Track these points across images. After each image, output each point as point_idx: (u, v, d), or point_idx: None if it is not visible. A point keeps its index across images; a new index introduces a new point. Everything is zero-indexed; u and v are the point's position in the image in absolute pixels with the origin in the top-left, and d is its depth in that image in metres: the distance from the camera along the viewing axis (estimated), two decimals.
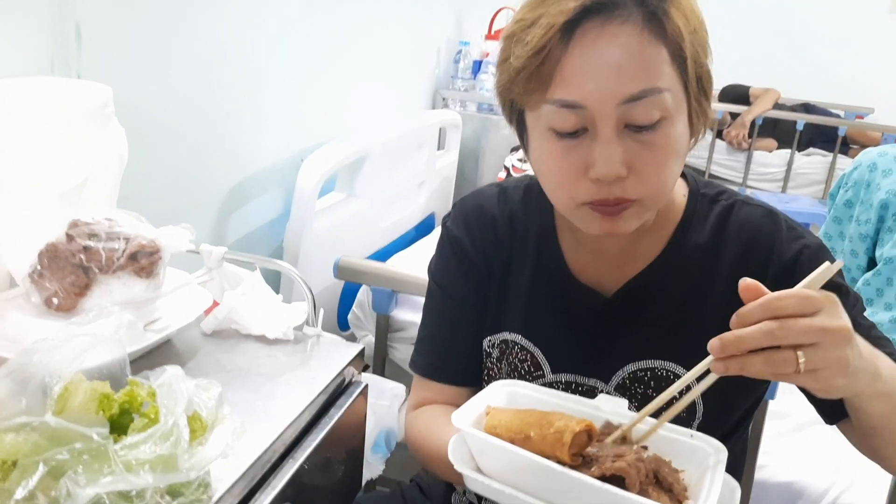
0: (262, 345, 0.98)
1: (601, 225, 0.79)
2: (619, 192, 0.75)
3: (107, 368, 0.73)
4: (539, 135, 0.79)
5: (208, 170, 1.59)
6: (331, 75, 2.07)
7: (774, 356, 0.60)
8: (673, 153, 0.76)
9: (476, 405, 0.73)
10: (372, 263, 1.60)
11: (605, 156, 0.74)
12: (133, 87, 1.34)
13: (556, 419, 0.66)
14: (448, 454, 0.69)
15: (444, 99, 2.96)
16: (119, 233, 0.86)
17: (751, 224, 0.87)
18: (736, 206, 0.89)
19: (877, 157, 1.76)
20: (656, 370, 0.87)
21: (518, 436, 0.66)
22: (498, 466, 0.67)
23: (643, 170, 0.75)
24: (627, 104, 0.73)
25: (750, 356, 0.60)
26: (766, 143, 4.12)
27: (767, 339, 0.60)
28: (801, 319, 0.60)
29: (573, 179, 0.77)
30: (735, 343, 0.60)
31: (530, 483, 0.64)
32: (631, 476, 0.61)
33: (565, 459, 0.64)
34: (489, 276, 0.95)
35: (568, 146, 0.76)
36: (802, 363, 0.59)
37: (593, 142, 0.75)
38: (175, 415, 0.61)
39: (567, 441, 0.63)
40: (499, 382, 0.78)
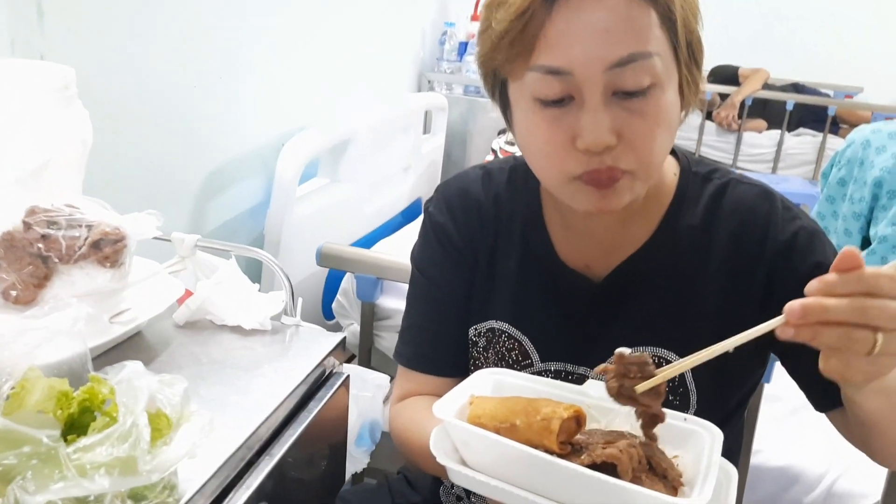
0: (238, 336, 0.94)
1: (594, 200, 0.75)
2: (610, 161, 0.72)
3: (66, 364, 0.69)
4: (524, 106, 0.76)
5: (183, 155, 1.54)
6: (312, 57, 2.02)
7: (854, 334, 0.55)
8: (664, 122, 0.73)
9: (459, 395, 0.69)
10: (355, 250, 1.55)
11: (592, 124, 0.70)
12: (101, 69, 1.29)
13: (543, 406, 0.63)
14: (430, 446, 0.66)
15: (429, 82, 2.91)
16: (80, 220, 0.81)
17: (745, 204, 0.84)
18: (730, 186, 0.85)
19: (870, 133, 1.73)
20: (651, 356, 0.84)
21: (503, 425, 0.63)
22: (483, 458, 0.63)
23: (633, 139, 0.71)
24: (615, 69, 0.69)
25: (826, 327, 0.55)
26: (755, 123, 4.10)
27: (856, 316, 0.55)
28: (892, 301, 0.55)
29: (561, 151, 0.73)
30: (819, 312, 0.55)
31: (517, 474, 0.61)
32: (623, 463, 0.58)
33: (553, 448, 0.61)
34: (475, 262, 0.92)
35: (554, 116, 0.73)
36: (880, 345, 0.55)
37: (580, 110, 0.71)
38: (134, 414, 0.57)
39: (555, 429, 0.60)
40: (483, 371, 0.75)
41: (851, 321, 0.55)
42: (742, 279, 0.82)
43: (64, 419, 0.62)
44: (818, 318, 0.55)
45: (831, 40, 4.58)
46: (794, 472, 1.37)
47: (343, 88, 2.24)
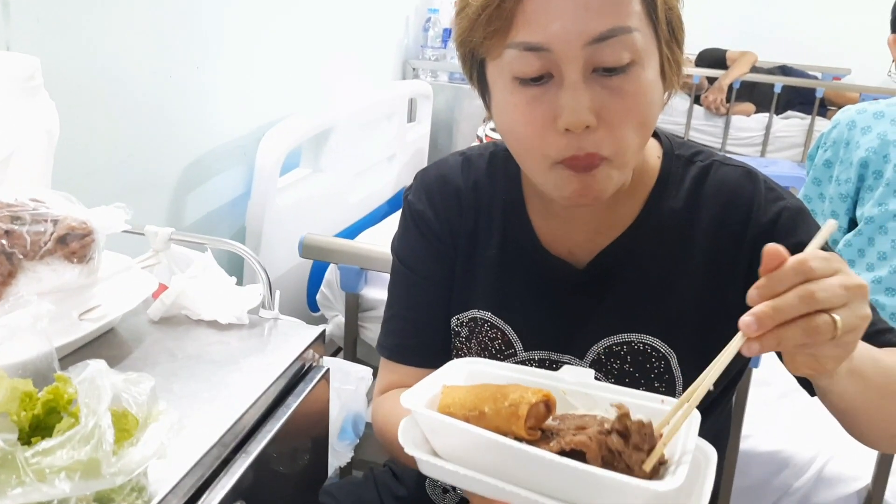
0: (215, 331, 0.92)
1: (575, 186, 0.73)
2: (590, 146, 0.70)
3: (31, 364, 0.67)
4: (502, 86, 0.74)
5: (160, 147, 1.51)
6: (294, 45, 1.98)
7: (813, 323, 0.54)
8: (645, 101, 0.71)
9: (430, 385, 0.67)
10: (338, 240, 1.53)
11: (572, 102, 0.69)
12: (71, 59, 1.25)
13: (511, 392, 0.61)
14: (398, 436, 0.64)
15: (413, 69, 2.88)
16: (45, 214, 0.78)
17: (728, 185, 0.82)
18: (713, 168, 0.84)
19: (855, 114, 1.71)
20: (633, 344, 0.83)
21: (472, 413, 0.61)
22: (452, 447, 0.61)
23: (613, 119, 0.70)
24: (595, 44, 0.68)
25: (786, 328, 0.54)
26: (743, 107, 4.09)
27: (808, 305, 0.54)
28: (830, 279, 0.55)
29: (541, 133, 0.72)
30: (773, 315, 0.54)
31: (487, 462, 0.59)
32: (591, 450, 0.56)
33: (522, 434, 0.59)
34: (454, 250, 0.90)
35: (533, 95, 0.71)
36: (840, 325, 0.54)
37: (559, 89, 0.70)
38: (97, 414, 0.55)
39: (522, 414, 0.59)
40: (457, 361, 0.73)
41: (804, 312, 0.54)
42: (726, 261, 0.81)
43: (28, 421, 0.60)
44: (774, 321, 0.54)
45: (819, 22, 4.57)
46: (783, 456, 1.37)
47: (325, 76, 2.21)
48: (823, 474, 1.32)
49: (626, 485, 0.52)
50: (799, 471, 1.34)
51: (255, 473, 0.74)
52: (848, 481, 1.32)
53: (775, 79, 3.89)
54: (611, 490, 0.53)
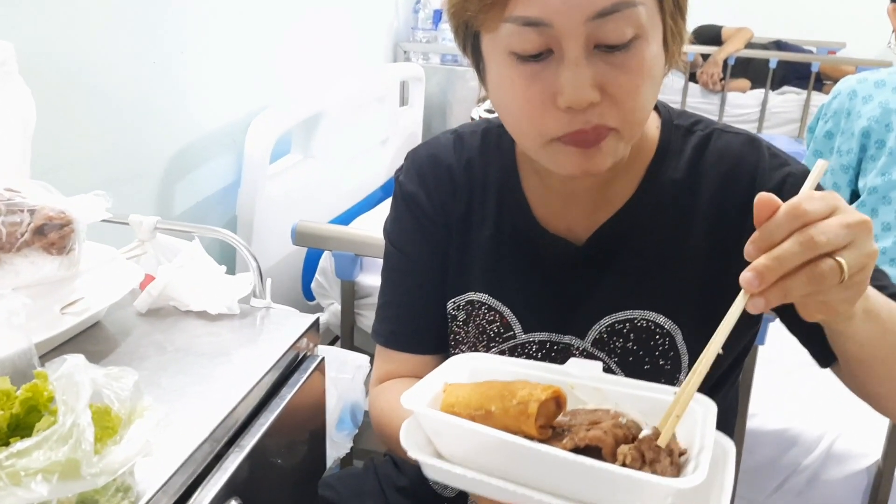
0: (205, 322, 0.89)
1: (576, 162, 0.70)
2: (596, 119, 0.67)
3: (9, 361, 0.64)
4: (498, 61, 0.70)
5: (146, 135, 1.47)
6: (282, 28, 1.94)
7: (818, 269, 0.51)
8: (648, 76, 0.68)
9: (431, 383, 0.64)
10: (332, 227, 1.50)
11: (573, 80, 0.65)
12: (47, 44, 1.21)
13: (519, 389, 0.58)
14: (400, 439, 0.61)
15: (405, 52, 2.84)
16: (21, 205, 0.75)
17: (730, 153, 0.80)
18: (714, 136, 0.81)
19: (856, 84, 1.68)
20: (636, 321, 0.80)
21: (478, 412, 0.58)
22: (458, 448, 0.59)
23: (617, 94, 0.67)
24: (597, 20, 0.64)
25: (791, 278, 0.51)
26: (739, 83, 4.05)
27: (811, 250, 0.51)
28: (829, 220, 0.52)
29: (540, 110, 0.68)
30: (775, 267, 0.51)
31: (496, 463, 0.56)
32: (607, 445, 0.53)
33: (532, 433, 0.56)
34: (448, 232, 0.87)
35: (532, 72, 0.68)
36: (847, 268, 0.51)
37: (559, 65, 0.67)
38: (75, 412, 0.52)
39: (532, 412, 0.56)
40: (458, 356, 0.70)
41: (807, 258, 0.51)
42: (730, 232, 0.78)
43: (6, 420, 0.57)
44: (777, 273, 0.51)
45: None
46: (791, 434, 1.35)
47: (315, 61, 2.17)
48: (833, 451, 1.31)
49: (646, 483, 0.50)
50: (807, 449, 1.32)
51: (250, 468, 0.72)
52: (857, 458, 1.30)
53: (770, 54, 3.86)
54: (630, 488, 0.51)
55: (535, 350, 0.84)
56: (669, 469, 0.53)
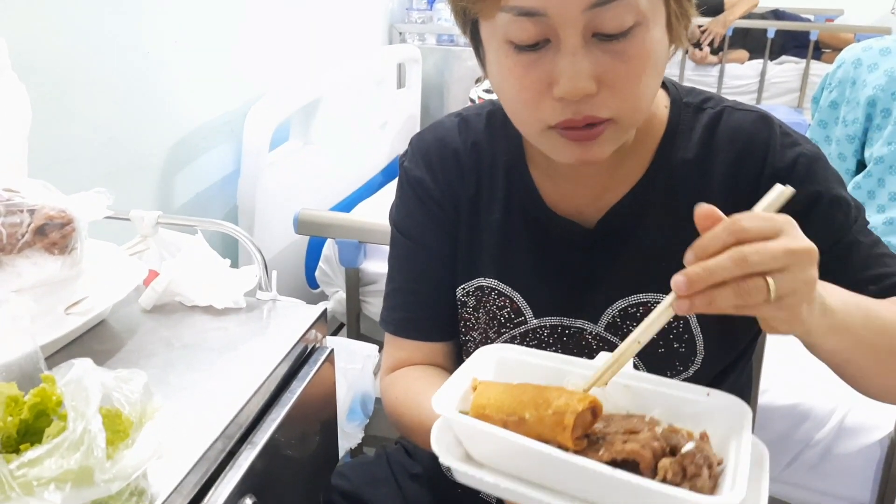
0: (211, 316, 0.88)
1: (573, 152, 0.69)
2: (588, 110, 0.66)
3: (16, 365, 0.63)
4: (496, 48, 0.69)
5: (143, 128, 1.45)
6: (275, 14, 1.91)
7: (744, 286, 0.52)
8: (649, 64, 0.67)
9: (460, 380, 0.63)
10: (334, 214, 1.49)
11: (569, 70, 0.64)
12: (43, 38, 1.19)
13: (555, 397, 0.56)
14: (431, 443, 0.60)
15: (400, 33, 2.81)
16: (20, 205, 0.74)
17: (743, 131, 0.78)
18: (725, 114, 0.79)
19: (861, 52, 1.65)
20: (650, 304, 0.79)
21: (511, 418, 0.56)
22: (490, 454, 0.58)
23: (616, 83, 0.65)
24: (595, 9, 0.63)
25: (718, 289, 0.53)
26: (737, 54, 4.01)
27: (740, 267, 0.52)
28: (768, 242, 0.53)
29: (536, 99, 0.67)
30: (704, 277, 0.52)
31: (529, 472, 0.55)
32: (645, 460, 0.52)
33: (568, 445, 0.55)
34: (457, 216, 0.86)
35: (529, 61, 0.67)
36: (773, 289, 0.52)
37: (557, 54, 0.65)
38: (86, 418, 0.51)
39: (569, 424, 0.54)
40: (485, 349, 0.68)
41: (737, 274, 0.52)
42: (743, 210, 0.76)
43: (15, 427, 0.56)
44: (705, 282, 0.52)
45: None
46: (803, 409, 1.34)
47: (310, 46, 2.14)
48: (845, 425, 1.30)
49: (686, 501, 0.49)
50: (819, 423, 1.31)
51: (263, 465, 0.71)
52: (870, 430, 1.29)
53: (768, 23, 3.81)
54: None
55: (546, 335, 0.83)
56: (708, 483, 0.52)
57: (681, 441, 0.54)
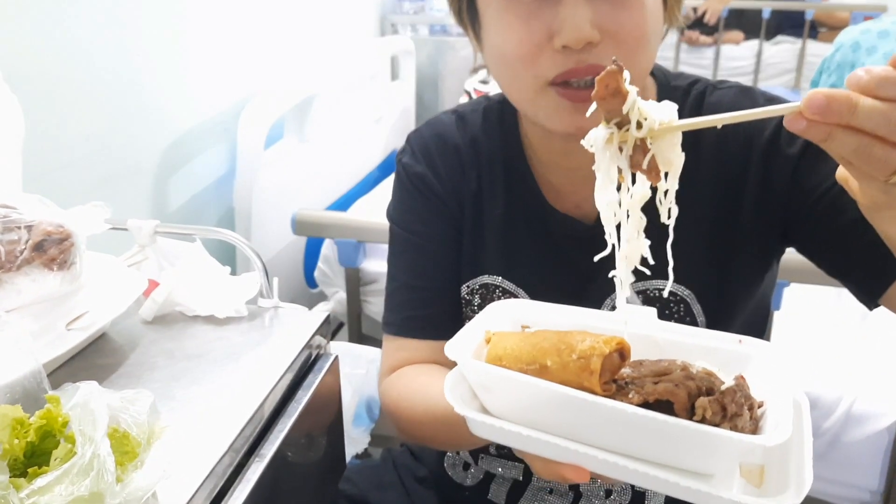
0: (213, 326, 0.87)
1: (570, 118, 0.69)
2: (591, 59, 0.66)
3: (19, 385, 0.62)
4: (496, 7, 0.69)
5: (135, 132, 1.44)
6: (265, 11, 1.89)
7: (873, 151, 0.45)
8: (650, 17, 0.67)
9: (472, 331, 0.59)
10: (333, 214, 1.48)
11: (572, 17, 0.64)
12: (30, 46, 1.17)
13: (578, 341, 0.52)
14: (445, 393, 0.57)
15: (392, 25, 2.78)
16: (18, 221, 0.72)
17: (723, 106, 0.79)
18: (706, 93, 0.80)
19: (859, 35, 1.64)
20: (649, 292, 0.80)
21: (531, 367, 0.52)
22: (510, 403, 0.54)
23: (619, 32, 0.65)
24: None
25: (845, 132, 0.45)
26: (732, 35, 3.99)
27: (887, 129, 0.44)
28: None
29: (535, 52, 0.67)
30: (845, 111, 0.44)
31: (553, 421, 0.51)
32: (680, 399, 0.48)
33: (596, 390, 0.50)
34: (460, 212, 0.86)
35: (529, 10, 0.67)
36: None
37: (558, 4, 0.65)
38: (94, 442, 0.50)
39: (596, 368, 0.50)
40: (499, 303, 0.65)
41: (878, 133, 0.44)
42: (735, 185, 0.78)
43: (22, 449, 0.55)
44: (840, 118, 0.44)
45: None
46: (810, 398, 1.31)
47: (301, 42, 2.12)
48: (852, 413, 1.30)
49: (728, 440, 0.45)
50: (827, 411, 1.31)
51: (271, 477, 0.70)
52: (877, 418, 1.30)
53: (763, 3, 3.79)
54: (709, 446, 0.46)
55: None
56: (749, 424, 0.49)
57: (715, 382, 0.50)
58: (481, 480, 0.93)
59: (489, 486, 0.92)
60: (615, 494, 0.85)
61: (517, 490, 0.90)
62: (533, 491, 0.89)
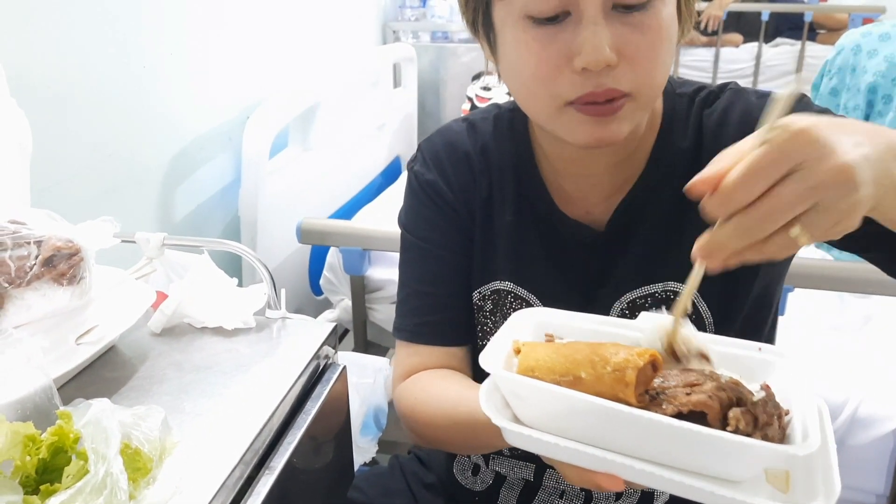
0: (221, 338, 0.87)
1: (590, 130, 0.69)
2: (610, 82, 0.66)
3: (30, 401, 0.62)
4: (512, 25, 0.69)
5: (141, 143, 1.44)
6: (267, 21, 1.90)
7: (766, 248, 0.48)
8: (666, 37, 0.68)
9: (500, 343, 0.60)
10: (338, 223, 1.48)
11: (592, 40, 0.64)
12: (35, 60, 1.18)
13: (611, 354, 0.53)
14: (481, 404, 0.58)
15: (394, 32, 2.79)
16: (28, 237, 0.73)
17: (719, 109, 0.79)
18: (709, 99, 0.81)
19: (860, 38, 1.64)
20: (657, 294, 0.80)
21: (565, 378, 0.54)
22: (545, 414, 0.55)
23: (635, 55, 0.66)
24: None
25: (740, 255, 0.50)
26: (731, 38, 3.99)
27: (747, 237, 0.48)
28: (780, 188, 0.46)
29: (554, 72, 0.67)
30: (718, 250, 0.50)
31: (588, 432, 0.53)
32: (713, 410, 0.49)
33: (632, 402, 0.52)
34: (471, 219, 0.86)
35: (548, 34, 0.67)
36: (801, 237, 0.48)
37: (577, 26, 0.66)
38: (107, 460, 0.51)
39: (631, 381, 0.51)
40: (522, 312, 0.67)
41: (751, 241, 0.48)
42: None
43: (34, 466, 0.55)
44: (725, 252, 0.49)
45: None
46: None
47: (304, 50, 2.12)
48: (858, 416, 1.30)
49: (761, 449, 0.47)
50: (833, 414, 1.31)
51: (281, 489, 0.70)
52: (882, 421, 1.30)
53: (762, 6, 3.80)
54: (743, 455, 0.48)
55: None
56: (778, 433, 0.50)
57: (744, 392, 0.52)
58: (490, 485, 0.93)
59: (499, 491, 0.93)
60: (625, 495, 0.86)
61: (528, 494, 0.90)
62: (544, 494, 0.89)
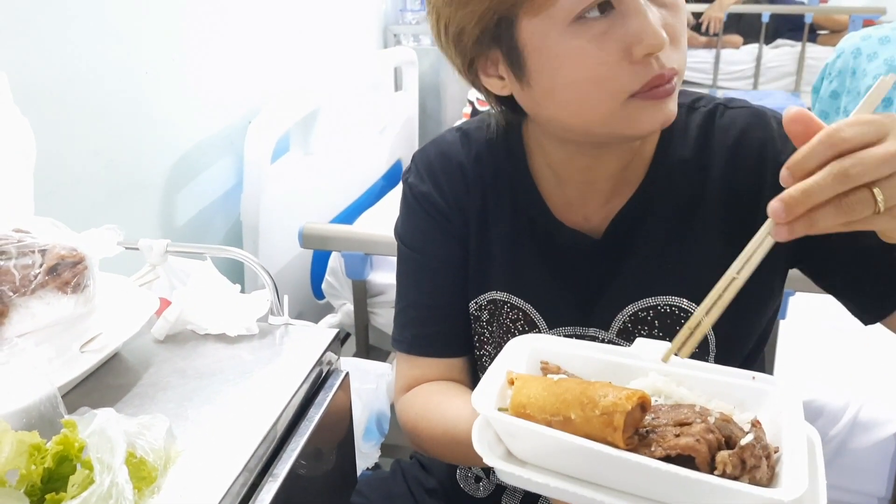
0: (224, 344, 0.87)
1: (655, 116, 0.69)
2: (668, 63, 0.68)
3: (35, 409, 0.63)
4: (559, 35, 0.67)
5: (143, 148, 1.45)
6: (268, 25, 1.91)
7: (847, 202, 0.49)
8: (685, 17, 0.72)
9: (493, 377, 0.61)
10: (339, 227, 1.48)
11: (650, 25, 0.66)
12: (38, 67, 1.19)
13: (600, 396, 0.53)
14: (473, 443, 0.59)
15: (395, 35, 2.79)
16: (32, 245, 0.73)
17: (736, 128, 0.79)
18: (718, 112, 0.80)
19: (860, 41, 1.64)
20: (658, 307, 0.79)
21: (555, 418, 0.54)
22: (535, 451, 0.56)
23: (674, 35, 0.68)
24: None
25: (819, 210, 0.49)
26: (732, 39, 4.00)
27: (841, 183, 0.48)
28: (871, 149, 0.49)
29: (615, 69, 0.67)
30: (803, 200, 0.49)
31: (577, 470, 0.53)
32: (701, 454, 0.50)
33: (620, 445, 0.52)
34: (466, 230, 0.86)
35: (600, 31, 0.67)
36: (881, 201, 0.49)
37: (626, 17, 0.66)
38: (112, 470, 0.51)
39: (619, 425, 0.52)
40: (517, 340, 0.67)
41: (839, 191, 0.49)
42: (745, 208, 0.77)
43: (39, 475, 0.56)
44: (804, 205, 0.49)
45: None
46: (816, 405, 1.34)
47: (305, 55, 2.13)
48: (859, 420, 1.30)
49: (748, 495, 0.47)
50: (833, 418, 1.32)
51: (285, 497, 0.71)
52: (883, 424, 1.30)
53: (762, 8, 3.81)
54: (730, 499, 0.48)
55: None
56: (766, 473, 0.50)
57: (734, 431, 0.52)
58: (493, 492, 0.94)
59: (501, 498, 0.93)
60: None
61: (529, 502, 0.91)
62: (546, 502, 0.90)
